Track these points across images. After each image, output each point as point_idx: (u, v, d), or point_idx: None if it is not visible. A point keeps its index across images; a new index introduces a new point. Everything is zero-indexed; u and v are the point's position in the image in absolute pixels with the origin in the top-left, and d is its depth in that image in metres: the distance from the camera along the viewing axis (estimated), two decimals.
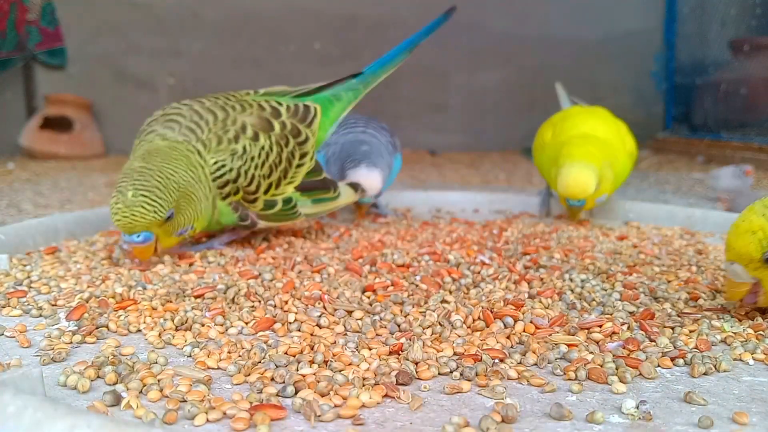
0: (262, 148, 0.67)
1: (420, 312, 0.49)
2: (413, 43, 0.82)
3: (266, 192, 0.68)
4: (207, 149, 0.65)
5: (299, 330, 0.47)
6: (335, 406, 0.35)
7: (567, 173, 0.82)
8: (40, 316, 0.50)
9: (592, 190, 0.81)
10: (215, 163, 0.65)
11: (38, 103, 2.50)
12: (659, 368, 0.41)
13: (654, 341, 0.44)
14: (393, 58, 0.81)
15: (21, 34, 2.41)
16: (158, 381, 0.37)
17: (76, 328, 0.47)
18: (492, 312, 0.48)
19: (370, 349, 0.42)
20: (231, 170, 0.66)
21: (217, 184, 0.66)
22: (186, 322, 0.47)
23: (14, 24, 2.39)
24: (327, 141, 0.89)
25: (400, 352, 0.42)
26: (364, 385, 0.37)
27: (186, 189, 0.62)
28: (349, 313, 0.49)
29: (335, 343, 0.44)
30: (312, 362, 0.40)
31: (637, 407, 0.35)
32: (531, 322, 0.47)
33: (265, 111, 0.69)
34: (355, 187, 0.79)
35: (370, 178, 0.80)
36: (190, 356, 0.42)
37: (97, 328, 0.46)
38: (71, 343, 0.44)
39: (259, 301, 0.52)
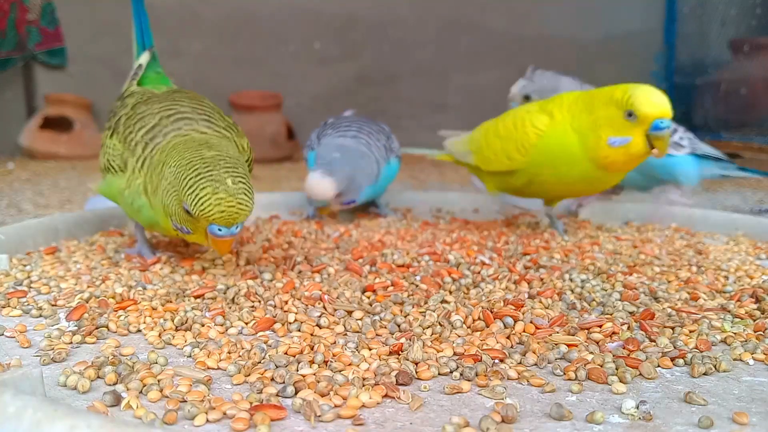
0: None
1: (420, 312, 0.49)
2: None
3: None
4: (234, 135, 0.64)
5: (299, 330, 0.46)
6: (335, 406, 0.35)
7: (646, 89, 0.71)
8: (40, 316, 0.50)
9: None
10: (247, 145, 0.66)
11: (38, 103, 2.50)
12: (659, 368, 0.41)
13: (654, 341, 0.44)
14: (145, 22, 0.79)
15: (21, 34, 2.41)
16: (158, 381, 0.37)
17: (76, 328, 0.47)
18: (492, 312, 0.48)
19: (370, 349, 0.42)
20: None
21: (249, 166, 0.66)
22: (186, 322, 0.47)
23: (14, 23, 2.39)
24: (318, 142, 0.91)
25: (400, 352, 0.42)
26: (364, 385, 0.37)
27: None
28: (349, 313, 0.49)
29: (335, 343, 0.44)
30: (312, 362, 0.40)
31: (637, 407, 0.35)
32: (531, 322, 0.47)
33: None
34: None
35: (320, 184, 0.83)
36: (190, 356, 0.42)
37: (97, 328, 0.46)
38: (71, 343, 0.44)
39: (259, 301, 0.52)
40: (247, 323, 0.48)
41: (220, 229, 0.54)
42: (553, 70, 0.97)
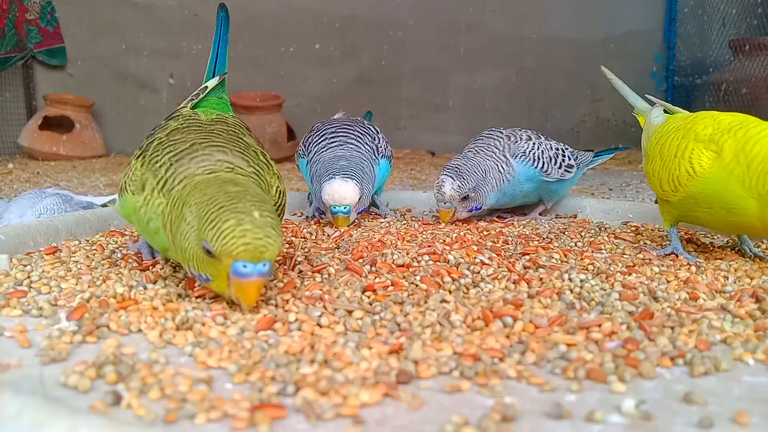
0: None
1: (420, 312, 0.49)
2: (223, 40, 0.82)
3: None
4: (267, 173, 0.60)
5: (300, 329, 0.47)
6: (335, 405, 0.35)
7: None
8: (41, 316, 0.50)
9: None
10: (277, 188, 0.62)
11: (38, 103, 2.50)
12: (659, 368, 0.41)
13: (653, 341, 0.44)
14: (223, 47, 0.79)
15: (20, 34, 2.41)
16: (159, 380, 0.37)
17: (76, 328, 0.47)
18: (491, 311, 0.48)
19: (370, 349, 0.43)
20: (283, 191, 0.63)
21: (279, 206, 0.62)
22: (187, 322, 0.47)
23: (14, 23, 2.39)
24: (311, 157, 0.91)
25: (400, 352, 0.42)
26: (364, 384, 0.37)
27: None
28: (350, 312, 0.49)
29: (335, 342, 0.44)
30: (312, 361, 0.40)
31: (637, 407, 0.35)
32: (530, 321, 0.47)
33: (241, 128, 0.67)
34: None
35: (346, 188, 0.82)
36: (191, 356, 0.42)
37: (97, 328, 0.46)
38: (72, 343, 0.44)
39: (260, 301, 0.52)
40: (248, 323, 0.48)
41: (245, 266, 0.47)
42: None
